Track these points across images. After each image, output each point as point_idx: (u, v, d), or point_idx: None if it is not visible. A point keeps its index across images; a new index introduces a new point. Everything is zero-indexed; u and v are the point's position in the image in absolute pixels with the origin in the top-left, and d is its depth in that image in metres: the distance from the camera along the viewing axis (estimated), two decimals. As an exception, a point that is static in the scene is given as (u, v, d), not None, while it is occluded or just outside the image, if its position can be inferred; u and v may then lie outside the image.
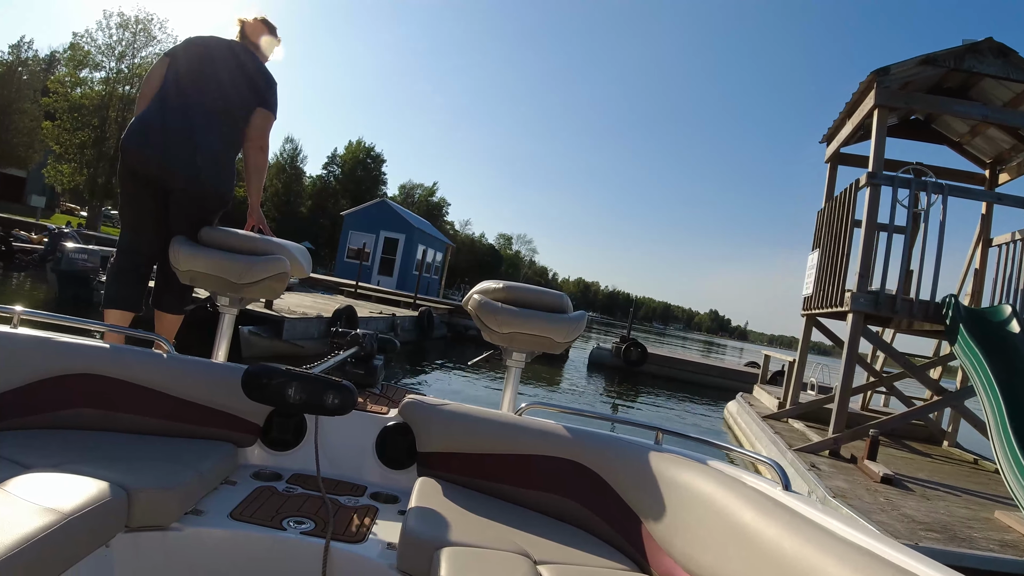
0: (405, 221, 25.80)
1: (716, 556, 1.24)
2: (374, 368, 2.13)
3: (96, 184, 32.96)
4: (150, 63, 34.17)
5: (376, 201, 27.94)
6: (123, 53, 34.66)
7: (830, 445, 5.67)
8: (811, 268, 7.18)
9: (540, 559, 1.33)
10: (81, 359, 1.69)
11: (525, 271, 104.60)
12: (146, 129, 2.45)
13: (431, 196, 66.22)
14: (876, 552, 0.99)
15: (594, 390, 13.07)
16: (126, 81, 34.69)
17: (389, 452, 1.82)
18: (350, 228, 25.66)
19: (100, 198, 34.02)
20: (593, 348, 17.52)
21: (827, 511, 1.19)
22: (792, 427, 6.98)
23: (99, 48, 34.06)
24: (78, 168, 32.51)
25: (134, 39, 35.05)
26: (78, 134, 32.16)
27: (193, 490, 1.42)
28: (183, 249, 2.19)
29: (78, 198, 36.22)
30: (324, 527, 1.44)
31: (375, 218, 25.50)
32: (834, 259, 6.46)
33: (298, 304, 9.84)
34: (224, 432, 1.73)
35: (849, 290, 5.82)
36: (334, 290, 16.19)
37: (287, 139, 54.07)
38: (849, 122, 6.97)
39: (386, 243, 25.11)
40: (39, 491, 1.15)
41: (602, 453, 1.68)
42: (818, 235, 7.32)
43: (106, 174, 32.85)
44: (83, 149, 32.16)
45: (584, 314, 2.14)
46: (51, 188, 37.88)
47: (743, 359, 48.07)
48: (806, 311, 7.30)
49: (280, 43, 2.86)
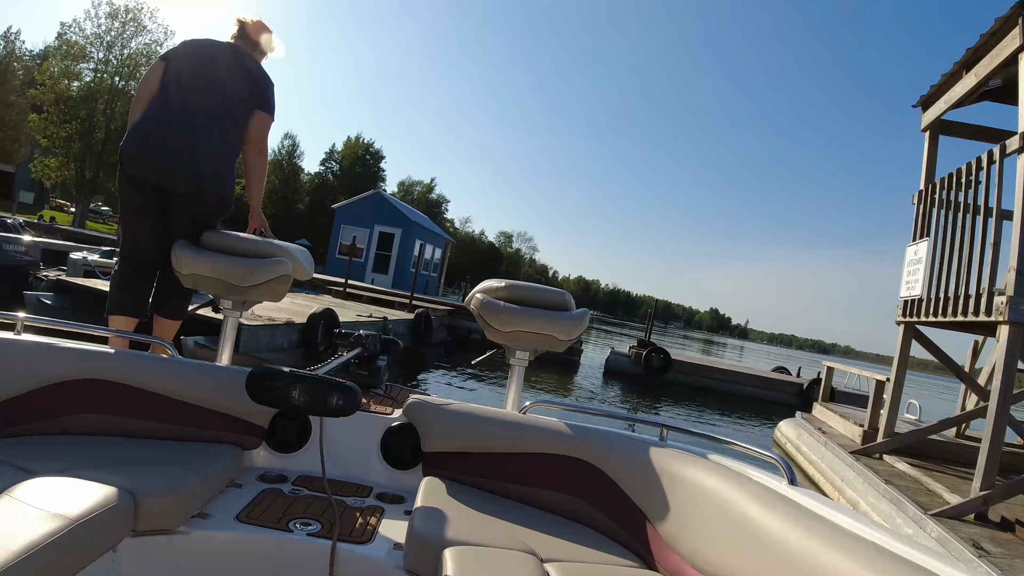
0: (401, 214, 23.67)
1: (722, 551, 1.23)
2: (378, 369, 2.16)
3: (83, 178, 32.05)
4: (140, 53, 33.55)
5: (370, 193, 25.31)
6: (112, 43, 33.93)
7: (978, 506, 4.11)
8: (916, 263, 5.59)
9: (547, 557, 1.33)
10: (85, 364, 1.69)
11: (525, 269, 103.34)
12: (146, 133, 2.43)
13: (429, 192, 65.16)
14: (882, 545, 0.98)
15: (612, 402, 11.50)
16: (115, 72, 33.78)
17: (394, 452, 1.82)
18: (342, 222, 23.40)
19: (87, 193, 32.97)
20: (609, 353, 15.64)
21: (832, 505, 1.20)
22: (893, 467, 5.42)
23: (87, 38, 33.13)
24: (65, 162, 31.67)
25: (123, 29, 34.23)
26: (65, 127, 31.36)
27: (199, 493, 1.42)
28: (185, 253, 2.13)
29: (68, 194, 35.22)
30: (331, 528, 1.44)
31: (369, 211, 23.23)
32: (959, 252, 4.89)
33: (272, 306, 8.25)
34: (229, 435, 1.73)
35: (1000, 292, 4.24)
36: (321, 289, 14.30)
37: (285, 135, 53.44)
38: (966, 78, 5.40)
39: (381, 238, 22.92)
40: (45, 497, 1.15)
41: (607, 450, 1.68)
42: (924, 221, 5.73)
43: (93, 168, 32.24)
44: (70, 142, 31.51)
45: (586, 312, 2.09)
46: (39, 184, 36.91)
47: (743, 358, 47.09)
48: (908, 318, 5.72)
49: (280, 41, 2.83)
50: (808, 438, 7.13)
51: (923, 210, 5.81)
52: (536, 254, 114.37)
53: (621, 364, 14.81)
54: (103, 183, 33.40)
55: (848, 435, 6.78)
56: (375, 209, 23.37)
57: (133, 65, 34.24)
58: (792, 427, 8.06)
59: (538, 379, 11.35)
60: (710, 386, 14.32)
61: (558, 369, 13.24)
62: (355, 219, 23.09)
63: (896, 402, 5.84)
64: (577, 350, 14.46)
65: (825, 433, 6.85)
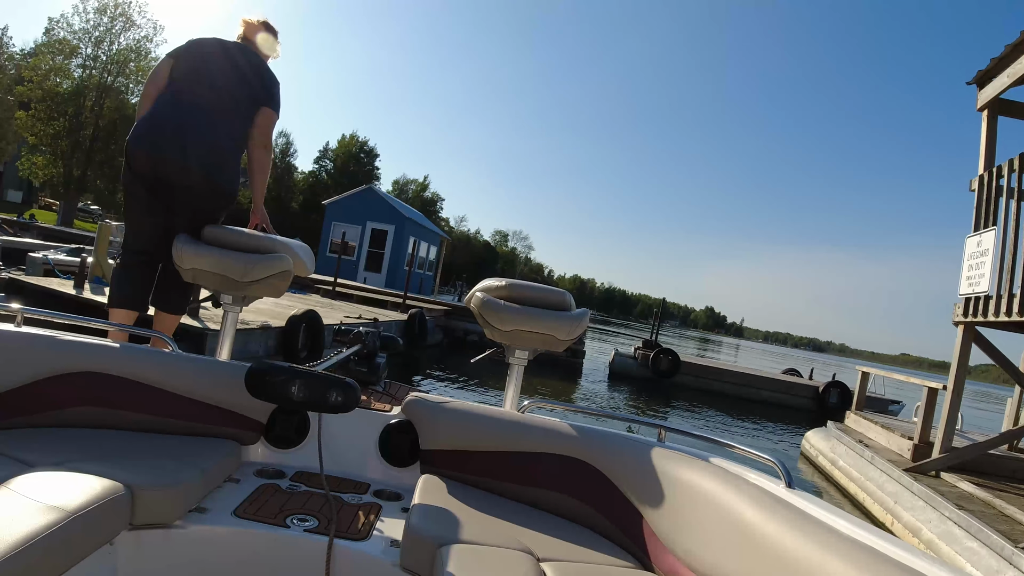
0: (394, 210, 22.27)
1: (719, 553, 1.23)
2: (377, 366, 2.15)
3: (71, 176, 31.38)
4: (129, 49, 32.93)
5: (362, 188, 23.52)
6: (100, 39, 33.20)
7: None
8: (981, 256, 4.92)
9: (543, 556, 1.33)
10: (84, 357, 1.68)
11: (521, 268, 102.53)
12: (152, 127, 2.46)
13: (424, 191, 64.45)
14: (879, 549, 0.98)
15: (617, 407, 10.79)
16: (104, 68, 33.10)
17: (392, 450, 1.82)
18: (333, 219, 21.98)
19: (75, 191, 32.24)
20: (614, 355, 14.72)
21: (830, 508, 1.19)
22: (956, 487, 4.76)
23: (75, 33, 32.43)
24: (52, 160, 31.03)
25: (112, 24, 33.52)
26: (52, 124, 30.51)
27: (196, 488, 1.42)
28: (186, 247, 2.13)
29: (57, 192, 34.55)
30: (327, 525, 1.44)
31: (361, 207, 21.81)
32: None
33: (251, 306, 7.54)
34: (227, 430, 1.73)
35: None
36: (310, 288, 13.24)
37: (279, 133, 53.19)
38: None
39: (373, 235, 21.58)
40: (43, 489, 1.15)
41: (605, 450, 1.68)
42: (987, 209, 5.06)
43: (82, 166, 31.48)
44: (57, 139, 30.76)
45: (586, 312, 2.06)
46: (28, 182, 36.22)
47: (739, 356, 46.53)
48: (970, 318, 5.04)
49: (279, 42, 2.86)
50: (847, 452, 6.43)
51: (985, 197, 5.13)
52: (532, 253, 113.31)
53: (627, 367, 14.07)
54: (91, 181, 32.77)
55: (894, 449, 6.12)
56: (367, 205, 22.14)
57: (122, 61, 33.71)
58: (823, 438, 7.36)
59: (540, 383, 10.67)
60: (722, 390, 13.60)
61: (560, 373, 12.53)
62: (347, 215, 21.92)
63: (954, 413, 5.17)
64: (580, 352, 13.72)
65: (868, 447, 6.17)
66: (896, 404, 12.91)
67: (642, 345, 14.54)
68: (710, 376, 13.89)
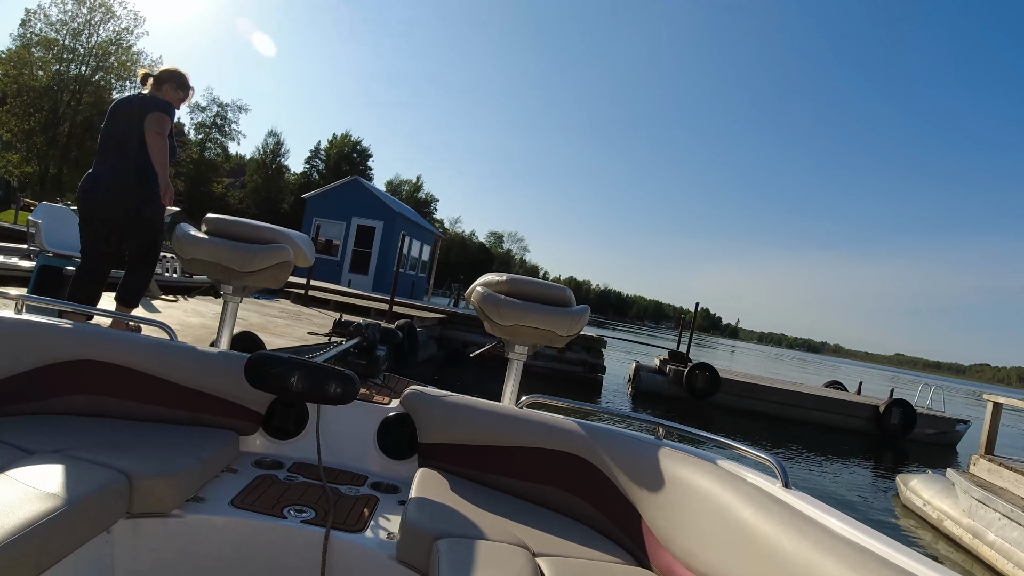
0: (383, 204, 19.64)
1: (715, 552, 1.23)
2: (376, 358, 2.17)
3: (47, 174, 29.95)
4: (109, 41, 31.63)
5: (347, 180, 20.61)
6: (79, 31, 31.66)
7: None
8: None
9: (539, 551, 1.33)
10: (84, 346, 1.69)
11: (516, 269, 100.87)
12: (92, 184, 3.34)
13: (417, 191, 63.02)
14: (874, 550, 0.98)
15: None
16: (82, 61, 31.64)
17: (390, 442, 1.83)
18: (314, 215, 19.19)
19: (52, 191, 30.65)
20: (635, 369, 12.77)
21: (826, 509, 1.18)
22: None
23: (52, 25, 30.93)
24: (27, 157, 29.69)
25: (91, 15, 32.06)
26: (28, 119, 29.50)
27: (194, 477, 1.43)
28: (186, 237, 2.09)
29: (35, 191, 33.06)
30: (324, 516, 1.44)
31: (346, 201, 19.28)
32: None
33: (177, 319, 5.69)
34: (226, 420, 1.75)
35: None
36: (279, 292, 10.87)
37: (269, 132, 52.05)
38: None
39: (359, 232, 19.03)
40: (41, 477, 1.16)
41: (603, 447, 1.68)
42: None
43: (58, 164, 30.12)
44: (31, 136, 29.27)
45: (586, 308, 2.04)
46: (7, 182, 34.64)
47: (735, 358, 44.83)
48: None
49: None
50: (1003, 522, 4.62)
51: None
52: (527, 254, 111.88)
53: (655, 384, 12.20)
54: (68, 179, 31.36)
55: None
56: (353, 199, 19.42)
57: (102, 54, 32.27)
58: (942, 493, 5.66)
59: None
60: (765, 410, 11.82)
61: (578, 390, 10.93)
62: (329, 211, 19.34)
63: None
64: (599, 367, 11.90)
65: None
66: (963, 423, 11.14)
67: (669, 357, 12.65)
68: (754, 395, 12.11)
